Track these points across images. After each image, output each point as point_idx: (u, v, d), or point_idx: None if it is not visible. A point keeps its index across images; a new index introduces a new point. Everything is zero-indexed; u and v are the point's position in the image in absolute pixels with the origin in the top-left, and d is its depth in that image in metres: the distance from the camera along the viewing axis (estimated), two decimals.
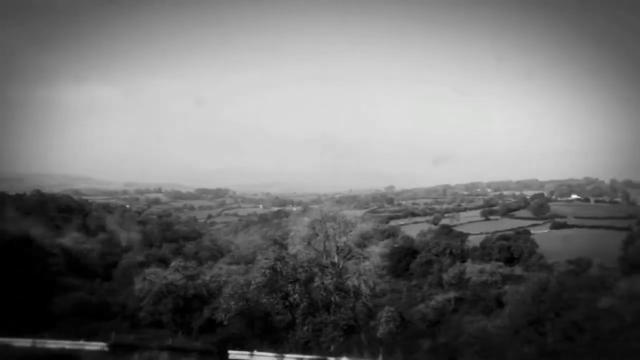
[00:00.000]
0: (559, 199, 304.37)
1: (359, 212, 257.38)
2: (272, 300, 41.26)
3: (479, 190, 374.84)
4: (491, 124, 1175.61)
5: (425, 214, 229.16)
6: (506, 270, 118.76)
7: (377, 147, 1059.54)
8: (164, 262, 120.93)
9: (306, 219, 48.12)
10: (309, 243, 45.41)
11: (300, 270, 42.00)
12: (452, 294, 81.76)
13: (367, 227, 47.47)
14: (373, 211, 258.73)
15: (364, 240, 44.93)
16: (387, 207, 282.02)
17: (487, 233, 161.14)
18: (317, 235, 44.93)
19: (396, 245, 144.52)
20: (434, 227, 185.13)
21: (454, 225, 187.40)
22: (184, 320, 51.21)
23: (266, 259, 42.68)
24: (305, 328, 40.80)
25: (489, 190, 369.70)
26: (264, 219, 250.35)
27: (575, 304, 35.99)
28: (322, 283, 42.30)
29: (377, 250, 44.13)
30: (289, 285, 41.52)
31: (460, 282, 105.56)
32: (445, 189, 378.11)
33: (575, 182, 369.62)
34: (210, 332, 47.37)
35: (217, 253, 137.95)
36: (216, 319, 44.02)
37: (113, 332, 42.46)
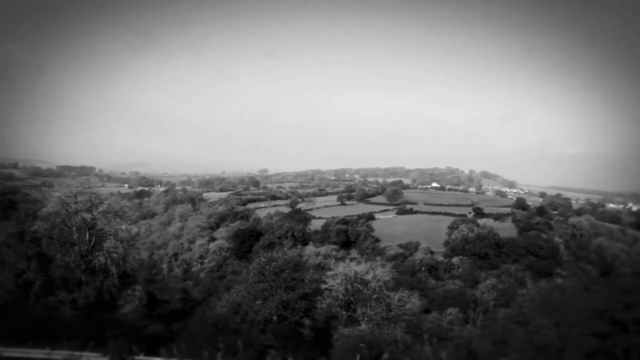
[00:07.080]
0: (419, 186, 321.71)
1: (224, 194, 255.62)
2: (1, 277, 38.59)
3: (347, 175, 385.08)
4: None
5: (287, 198, 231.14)
6: (341, 252, 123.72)
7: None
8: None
9: (56, 194, 45.59)
10: (63, 220, 42.87)
11: (33, 246, 39.74)
12: None
13: (117, 203, 45.70)
14: (237, 193, 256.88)
15: (115, 217, 43.24)
16: (252, 190, 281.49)
17: (337, 217, 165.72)
18: (65, 210, 42.57)
19: (241, 227, 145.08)
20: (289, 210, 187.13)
21: (310, 209, 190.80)
22: None
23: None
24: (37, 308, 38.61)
25: (356, 176, 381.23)
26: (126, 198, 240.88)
27: (297, 284, 37.04)
28: (63, 260, 40.38)
29: (123, 226, 42.74)
30: (23, 262, 39.11)
31: None
32: (315, 173, 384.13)
33: (438, 172, 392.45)
34: None
35: None
36: None
37: None
